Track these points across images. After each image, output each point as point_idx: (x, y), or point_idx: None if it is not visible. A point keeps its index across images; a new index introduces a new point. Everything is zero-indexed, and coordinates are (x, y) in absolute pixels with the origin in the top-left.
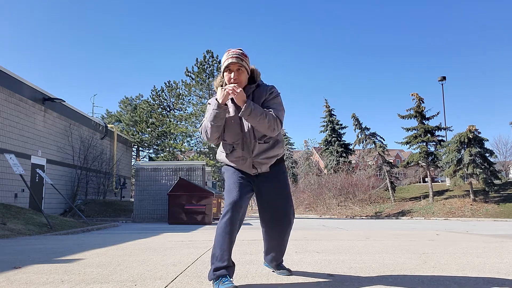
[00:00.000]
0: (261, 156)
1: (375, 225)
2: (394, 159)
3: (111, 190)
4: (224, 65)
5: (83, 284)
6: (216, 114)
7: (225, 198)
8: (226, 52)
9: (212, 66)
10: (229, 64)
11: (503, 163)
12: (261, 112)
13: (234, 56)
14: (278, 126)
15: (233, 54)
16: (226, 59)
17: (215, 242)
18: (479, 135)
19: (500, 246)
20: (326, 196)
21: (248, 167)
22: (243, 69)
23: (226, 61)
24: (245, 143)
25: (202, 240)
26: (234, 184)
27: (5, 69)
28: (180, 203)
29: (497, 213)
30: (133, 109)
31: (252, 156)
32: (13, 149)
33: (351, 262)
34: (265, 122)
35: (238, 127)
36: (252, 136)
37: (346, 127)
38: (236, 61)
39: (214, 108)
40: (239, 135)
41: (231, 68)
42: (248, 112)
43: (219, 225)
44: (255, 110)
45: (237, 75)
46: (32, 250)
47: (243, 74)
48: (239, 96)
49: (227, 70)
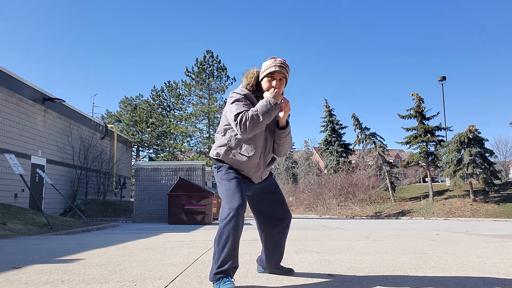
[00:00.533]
0: (267, 168)
1: (375, 225)
2: (394, 159)
3: (111, 190)
4: (268, 71)
5: (83, 284)
6: (270, 110)
7: (225, 200)
8: (270, 59)
9: (212, 66)
10: (274, 71)
11: (503, 163)
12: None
13: (279, 65)
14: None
15: (279, 63)
16: (271, 65)
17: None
18: (479, 135)
19: (500, 246)
20: (326, 196)
21: (257, 177)
22: (284, 80)
23: (271, 67)
24: (262, 153)
25: (202, 240)
26: (238, 187)
27: (5, 69)
28: (180, 203)
29: (497, 213)
30: (133, 109)
31: (264, 166)
32: (13, 149)
33: (351, 262)
34: (290, 145)
35: (263, 136)
36: (270, 148)
37: (346, 127)
38: (281, 71)
39: (271, 105)
40: (262, 144)
41: (275, 76)
42: (287, 131)
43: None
44: (290, 132)
45: (278, 85)
46: (32, 250)
47: (283, 85)
48: (288, 112)
49: (269, 76)
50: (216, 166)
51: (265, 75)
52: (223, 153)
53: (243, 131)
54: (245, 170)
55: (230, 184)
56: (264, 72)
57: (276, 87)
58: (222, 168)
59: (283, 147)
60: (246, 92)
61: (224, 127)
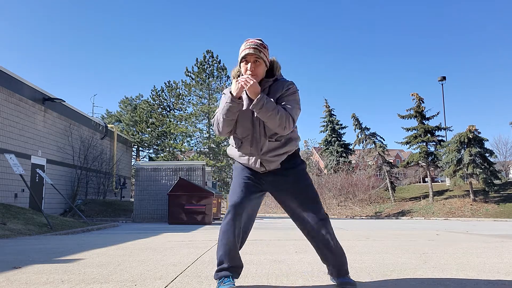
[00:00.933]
0: (270, 154)
1: (375, 225)
2: (394, 159)
3: (111, 190)
4: (241, 56)
5: (83, 284)
6: (229, 107)
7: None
8: (244, 42)
9: (212, 66)
10: (246, 55)
11: (503, 163)
12: (273, 108)
13: (252, 47)
14: (290, 124)
15: (251, 44)
16: (243, 49)
17: (219, 243)
18: (479, 135)
19: (500, 246)
20: (326, 196)
21: (255, 164)
22: (260, 61)
23: (243, 52)
24: (254, 139)
25: (202, 240)
26: (239, 184)
27: (5, 69)
28: (180, 203)
29: (497, 213)
30: (133, 109)
31: (260, 153)
32: (13, 149)
33: (351, 262)
34: (276, 119)
35: (249, 121)
36: (262, 132)
37: (346, 127)
38: (253, 52)
39: (227, 101)
40: (250, 130)
41: (248, 59)
42: (259, 105)
43: (221, 226)
44: (267, 104)
45: (253, 67)
46: (32, 250)
47: (260, 67)
48: (251, 87)
49: (244, 61)
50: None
51: (240, 59)
52: (228, 151)
53: (217, 133)
54: (243, 161)
55: (234, 182)
56: (240, 56)
57: (251, 69)
58: (234, 168)
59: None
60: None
61: None
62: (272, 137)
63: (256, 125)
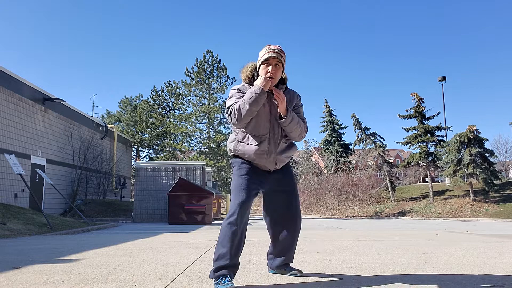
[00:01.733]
0: (284, 154)
1: (375, 225)
2: (394, 159)
3: (111, 190)
4: (263, 58)
5: (83, 284)
6: (257, 98)
7: (232, 196)
8: (266, 46)
9: (212, 66)
10: (269, 57)
11: (503, 163)
12: (298, 121)
13: (275, 51)
14: (305, 134)
15: (274, 49)
16: (266, 52)
17: (220, 241)
18: (479, 135)
19: (500, 246)
20: (326, 196)
21: (271, 163)
22: (280, 65)
23: (266, 55)
24: (272, 138)
25: (202, 240)
26: (245, 182)
27: (5, 69)
28: (180, 203)
29: (497, 213)
30: (133, 109)
31: (277, 152)
32: (13, 149)
33: (351, 262)
34: (298, 130)
35: (267, 121)
36: (281, 133)
37: (346, 127)
38: (276, 56)
39: (256, 92)
40: (268, 129)
41: (270, 62)
42: (289, 120)
43: (225, 224)
44: (294, 119)
45: (274, 70)
46: (32, 250)
47: (279, 71)
48: (283, 103)
49: (265, 63)
50: (231, 162)
51: (261, 62)
52: (233, 147)
53: (233, 121)
54: (257, 158)
55: (239, 180)
56: (260, 60)
57: (271, 72)
58: (235, 163)
59: (292, 133)
60: (241, 85)
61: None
62: (285, 138)
63: (275, 125)
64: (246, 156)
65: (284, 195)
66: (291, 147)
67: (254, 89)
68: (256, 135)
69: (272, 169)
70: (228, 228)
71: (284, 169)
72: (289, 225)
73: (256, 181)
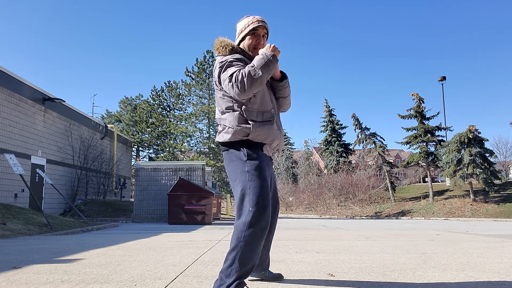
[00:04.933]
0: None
1: (375, 225)
2: (394, 159)
3: (111, 190)
4: (251, 27)
5: (83, 284)
6: (270, 63)
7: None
8: (247, 17)
9: (212, 66)
10: (257, 27)
11: (503, 163)
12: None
13: (261, 20)
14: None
15: (258, 18)
16: (250, 22)
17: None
18: (479, 135)
19: (500, 246)
20: (326, 196)
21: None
22: (266, 36)
23: (252, 24)
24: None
25: (202, 240)
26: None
27: (5, 69)
28: (180, 203)
29: (497, 213)
30: (133, 109)
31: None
32: (13, 149)
33: (351, 262)
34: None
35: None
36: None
37: (346, 127)
38: (264, 25)
39: (269, 57)
40: (273, 102)
41: (259, 32)
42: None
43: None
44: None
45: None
46: (32, 250)
47: (265, 41)
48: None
49: (252, 34)
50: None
51: (247, 32)
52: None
53: (241, 90)
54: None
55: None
56: (246, 29)
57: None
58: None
59: (286, 99)
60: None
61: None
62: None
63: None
64: (268, 139)
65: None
66: None
67: (266, 54)
68: (266, 110)
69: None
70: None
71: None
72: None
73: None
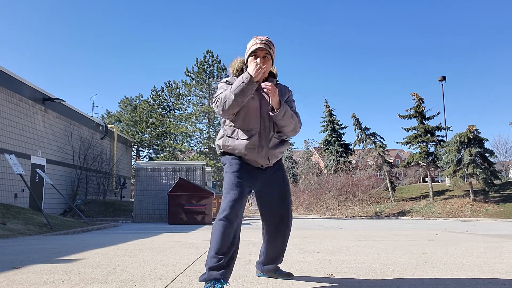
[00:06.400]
0: (276, 149)
1: (375, 225)
2: (394, 159)
3: (111, 190)
4: (251, 50)
5: (83, 284)
6: (244, 88)
7: (224, 194)
8: (253, 38)
9: (212, 66)
10: (257, 49)
11: (503, 163)
12: (292, 115)
13: (263, 42)
14: (299, 129)
15: (262, 40)
16: (253, 44)
17: (211, 241)
18: (479, 135)
19: (500, 246)
20: (326, 196)
21: (263, 158)
22: (269, 57)
23: (253, 46)
24: (263, 131)
25: (202, 240)
26: (237, 179)
27: (5, 69)
28: (180, 203)
29: (497, 213)
30: (133, 109)
31: (269, 146)
32: (13, 149)
33: (351, 262)
34: (292, 125)
35: (257, 114)
36: (272, 127)
37: (346, 127)
38: (264, 47)
39: (244, 81)
40: (258, 123)
41: (258, 53)
42: (282, 113)
43: (216, 222)
44: (287, 112)
45: (263, 62)
46: (32, 250)
47: (268, 62)
48: (276, 96)
49: (253, 55)
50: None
51: (249, 54)
52: (222, 143)
53: (219, 110)
54: (248, 153)
55: (231, 177)
56: (248, 51)
57: (260, 63)
58: (226, 160)
59: (286, 128)
60: (230, 78)
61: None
62: (278, 133)
63: (265, 118)
64: (236, 151)
65: (277, 192)
66: (284, 143)
67: (242, 77)
68: (246, 129)
69: (264, 165)
70: (219, 225)
71: (276, 166)
72: (281, 225)
73: (249, 178)
